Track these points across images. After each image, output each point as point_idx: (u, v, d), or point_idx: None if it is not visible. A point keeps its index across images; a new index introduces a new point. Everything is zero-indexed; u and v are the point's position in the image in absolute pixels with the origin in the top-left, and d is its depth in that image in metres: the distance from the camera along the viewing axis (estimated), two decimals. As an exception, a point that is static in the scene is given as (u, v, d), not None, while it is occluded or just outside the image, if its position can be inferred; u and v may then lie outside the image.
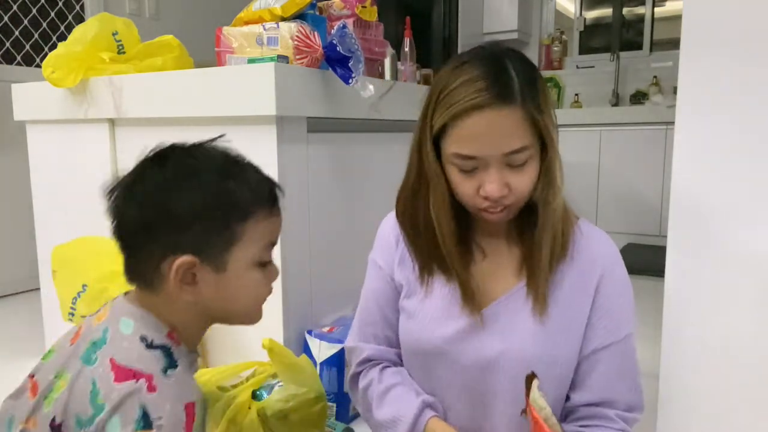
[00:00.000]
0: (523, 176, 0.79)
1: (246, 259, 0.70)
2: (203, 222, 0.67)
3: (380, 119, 1.72)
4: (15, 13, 2.80)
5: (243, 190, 0.69)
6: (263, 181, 0.74)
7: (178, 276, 0.67)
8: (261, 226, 0.71)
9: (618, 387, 0.86)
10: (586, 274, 0.85)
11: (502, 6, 4.13)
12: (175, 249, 0.66)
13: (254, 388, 1.22)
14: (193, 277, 0.68)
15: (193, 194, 0.67)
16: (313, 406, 1.17)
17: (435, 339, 0.88)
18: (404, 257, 0.94)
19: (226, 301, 0.71)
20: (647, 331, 1.28)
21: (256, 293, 0.74)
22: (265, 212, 0.72)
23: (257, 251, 0.71)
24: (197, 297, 0.69)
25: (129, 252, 0.70)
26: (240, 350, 1.45)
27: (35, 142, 1.93)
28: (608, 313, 0.85)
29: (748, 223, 1.01)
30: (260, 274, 0.73)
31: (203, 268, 0.68)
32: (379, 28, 1.83)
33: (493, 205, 0.80)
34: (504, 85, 0.75)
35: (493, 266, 0.89)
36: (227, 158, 0.72)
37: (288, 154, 1.42)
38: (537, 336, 0.83)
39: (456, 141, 0.78)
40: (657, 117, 3.50)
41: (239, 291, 0.71)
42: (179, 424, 0.62)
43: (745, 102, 0.99)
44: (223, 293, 0.70)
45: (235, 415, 1.16)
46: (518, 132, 0.76)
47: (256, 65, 1.39)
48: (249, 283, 0.72)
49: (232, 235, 0.68)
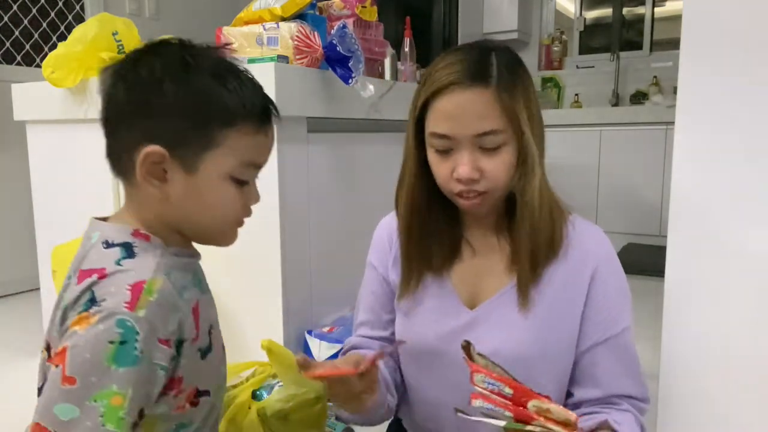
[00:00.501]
0: (496, 161, 0.79)
1: (220, 168, 0.68)
2: (182, 117, 0.66)
3: (380, 119, 1.72)
4: (15, 13, 2.80)
5: (231, 97, 0.67)
6: (257, 95, 0.71)
7: (145, 166, 0.66)
8: (244, 139, 0.68)
9: (622, 381, 0.86)
10: (579, 268, 0.85)
11: (502, 6, 4.14)
12: (149, 138, 0.65)
13: (254, 388, 1.22)
14: (163, 173, 0.67)
15: (179, 87, 0.66)
16: (313, 406, 1.17)
17: (430, 338, 0.88)
18: (398, 257, 0.94)
19: (194, 209, 0.69)
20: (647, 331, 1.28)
21: (229, 209, 0.71)
22: (252, 127, 0.69)
23: (234, 164, 0.68)
24: (164, 194, 0.68)
25: (110, 137, 0.70)
26: (240, 350, 1.46)
27: (35, 142, 1.93)
28: (604, 307, 0.85)
29: (748, 223, 1.01)
30: (234, 190, 0.70)
31: (174, 165, 0.66)
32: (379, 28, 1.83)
33: (466, 190, 0.80)
34: (481, 67, 0.78)
35: (485, 263, 0.89)
36: (225, 63, 0.70)
37: (288, 154, 1.42)
38: (529, 333, 0.83)
39: (432, 120, 0.80)
40: (657, 117, 3.50)
41: (209, 200, 0.69)
42: (120, 304, 0.61)
43: (745, 102, 0.99)
44: (192, 199, 0.68)
45: (235, 415, 1.16)
46: (490, 114, 0.77)
47: (256, 65, 1.39)
48: (220, 195, 0.69)
49: (210, 138, 0.67)
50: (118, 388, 0.60)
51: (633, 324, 0.88)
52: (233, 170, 0.69)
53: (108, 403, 0.60)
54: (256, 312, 1.51)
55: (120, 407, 0.60)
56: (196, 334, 0.69)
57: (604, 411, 0.83)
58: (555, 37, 4.40)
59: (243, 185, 0.71)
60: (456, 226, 0.91)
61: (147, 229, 0.70)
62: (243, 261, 1.51)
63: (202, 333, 0.71)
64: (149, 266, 0.65)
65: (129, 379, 0.60)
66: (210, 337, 0.73)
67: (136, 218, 0.70)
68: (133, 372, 0.61)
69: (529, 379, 0.84)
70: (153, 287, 0.63)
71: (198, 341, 0.70)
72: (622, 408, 0.84)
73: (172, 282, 0.66)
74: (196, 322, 0.69)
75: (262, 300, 1.48)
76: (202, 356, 0.71)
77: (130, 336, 0.61)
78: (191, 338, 0.68)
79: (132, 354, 0.61)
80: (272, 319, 1.46)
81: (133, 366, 0.61)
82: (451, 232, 0.90)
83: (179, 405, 0.70)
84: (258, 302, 1.50)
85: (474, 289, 0.89)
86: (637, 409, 0.86)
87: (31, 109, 1.88)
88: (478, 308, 0.87)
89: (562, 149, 3.70)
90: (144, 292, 0.63)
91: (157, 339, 0.63)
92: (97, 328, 0.60)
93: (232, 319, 1.54)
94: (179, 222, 0.71)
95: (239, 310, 1.54)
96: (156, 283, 0.64)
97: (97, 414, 0.59)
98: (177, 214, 0.70)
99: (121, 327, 0.60)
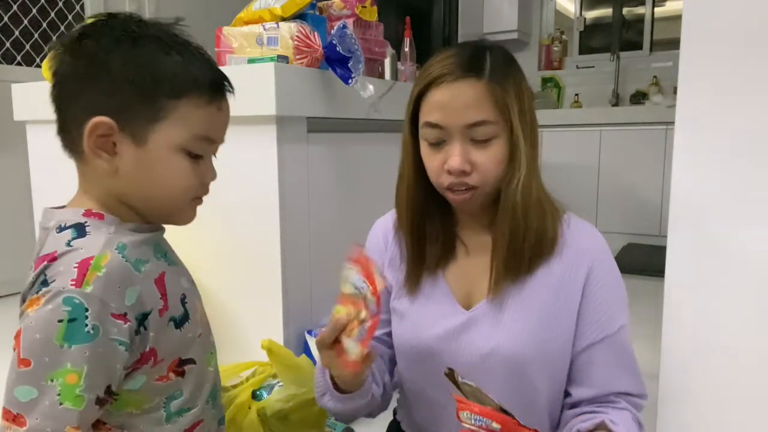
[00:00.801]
0: (487, 154, 0.80)
1: (170, 141, 0.67)
2: (131, 88, 0.65)
3: (380, 119, 1.72)
4: (15, 13, 2.80)
5: (182, 68, 0.67)
6: (209, 68, 0.70)
7: (92, 138, 0.65)
8: (195, 112, 0.68)
9: (619, 379, 0.86)
10: (574, 267, 0.85)
11: (502, 6, 4.14)
12: (98, 111, 0.65)
13: (254, 388, 1.22)
14: (113, 147, 0.66)
15: (127, 57, 0.65)
16: (313, 406, 1.17)
17: (426, 339, 0.88)
18: (393, 258, 0.94)
19: (146, 183, 0.68)
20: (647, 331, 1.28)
21: (182, 183, 0.69)
22: (203, 99, 0.68)
23: (185, 136, 0.67)
24: (114, 168, 0.67)
25: (60, 112, 0.69)
26: (240, 350, 1.46)
27: (35, 142, 1.93)
28: (600, 306, 0.85)
29: (748, 223, 1.01)
30: (187, 163, 0.69)
31: (123, 137, 0.66)
32: (379, 28, 1.83)
33: (457, 183, 0.81)
34: (474, 61, 0.80)
35: (480, 263, 0.89)
36: (174, 36, 0.69)
37: (288, 154, 1.42)
38: (525, 333, 0.83)
39: (425, 111, 0.82)
40: (657, 117, 3.50)
41: (160, 173, 0.68)
42: (66, 282, 0.61)
43: (745, 102, 0.99)
44: (143, 172, 0.67)
45: (235, 415, 1.16)
46: (481, 105, 0.79)
47: (256, 65, 1.39)
48: (172, 168, 0.68)
49: (159, 110, 0.66)
50: (72, 365, 0.60)
51: (631, 322, 0.88)
52: (184, 142, 0.68)
53: (63, 381, 0.60)
54: (256, 312, 1.51)
55: (76, 385, 0.61)
56: (163, 304, 0.69)
57: (601, 410, 0.83)
58: (555, 37, 4.40)
59: (197, 160, 0.70)
60: (451, 226, 0.91)
61: (101, 207, 0.69)
62: (243, 261, 1.51)
63: (172, 303, 0.70)
64: (98, 243, 0.65)
65: (83, 356, 0.61)
66: (184, 306, 0.73)
67: (90, 198, 0.70)
68: (88, 348, 0.61)
69: (525, 380, 0.84)
70: (101, 263, 0.63)
71: (168, 311, 0.70)
72: (619, 406, 0.84)
73: (125, 256, 0.66)
74: (162, 292, 0.69)
75: (262, 300, 1.48)
76: (176, 326, 0.71)
77: (79, 313, 0.61)
78: (158, 309, 0.68)
79: (82, 331, 0.61)
80: (272, 319, 1.46)
81: (87, 343, 0.61)
82: (446, 232, 0.90)
83: (161, 375, 0.70)
84: (258, 302, 1.50)
85: (469, 289, 0.89)
86: (634, 405, 0.86)
87: (31, 109, 1.88)
88: (474, 308, 0.87)
89: (562, 149, 3.70)
90: (91, 268, 0.62)
91: (110, 314, 0.63)
92: (45, 308, 0.61)
93: (233, 319, 1.54)
94: (132, 197, 0.70)
95: (239, 310, 1.54)
96: (104, 259, 0.64)
97: (55, 392, 0.60)
98: (129, 190, 0.69)
99: (69, 305, 0.61)
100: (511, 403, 0.84)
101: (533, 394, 0.85)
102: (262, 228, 1.44)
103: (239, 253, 1.51)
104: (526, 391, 0.85)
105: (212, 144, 0.72)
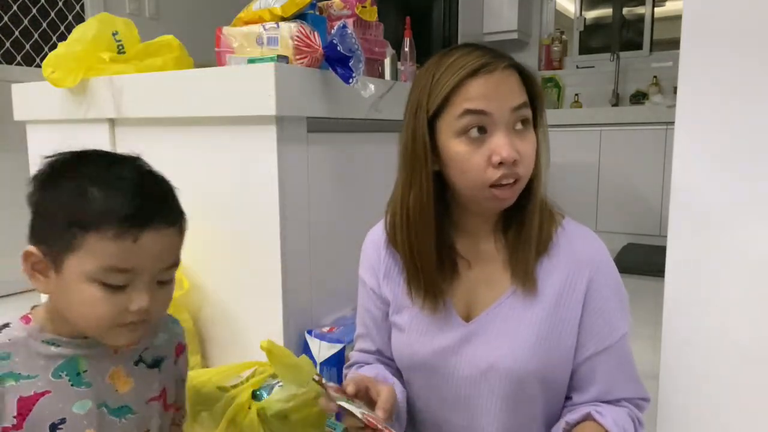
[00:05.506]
0: (527, 143, 0.80)
1: (80, 271, 0.68)
2: (50, 219, 0.71)
3: (380, 119, 1.72)
4: (15, 13, 2.80)
5: (96, 200, 0.68)
6: (131, 200, 0.69)
7: (27, 263, 0.72)
8: (103, 244, 0.67)
9: (621, 385, 0.85)
10: (574, 279, 0.84)
11: (502, 6, 4.14)
12: (32, 237, 0.73)
13: (254, 388, 1.22)
14: (46, 270, 0.72)
15: (54, 191, 0.71)
16: (313, 406, 1.17)
17: (426, 353, 0.87)
18: (390, 271, 0.92)
19: (65, 307, 0.72)
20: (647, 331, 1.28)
21: (96, 311, 0.69)
22: (113, 232, 0.67)
23: (93, 268, 0.68)
24: (43, 289, 0.73)
25: None
26: (240, 350, 1.45)
27: (35, 142, 1.93)
28: (602, 316, 0.84)
29: (748, 223, 1.00)
30: (100, 293, 0.69)
31: (46, 263, 0.71)
32: (379, 28, 1.83)
33: (507, 174, 0.78)
34: (501, 54, 0.81)
35: (482, 274, 0.87)
36: (113, 168, 0.72)
37: (288, 154, 1.42)
38: (526, 345, 0.82)
39: (461, 101, 0.78)
40: (657, 117, 3.50)
41: (73, 300, 0.70)
42: None
43: (745, 102, 0.99)
44: (62, 297, 0.72)
45: (235, 415, 1.16)
46: (520, 89, 0.80)
47: (256, 65, 1.39)
48: (83, 298, 0.69)
49: (70, 241, 0.69)
50: None
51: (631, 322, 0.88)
52: (94, 273, 0.68)
53: None
54: (256, 312, 1.51)
55: None
56: (15, 423, 0.70)
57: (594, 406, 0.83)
58: (555, 37, 4.40)
59: (118, 289, 0.70)
60: (448, 241, 0.88)
61: (46, 313, 0.75)
62: (243, 261, 1.51)
63: (30, 425, 0.71)
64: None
65: None
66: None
67: (46, 304, 0.76)
68: None
69: (524, 392, 0.83)
70: None
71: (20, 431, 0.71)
72: (617, 405, 0.84)
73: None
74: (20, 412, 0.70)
75: (262, 300, 1.48)
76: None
77: None
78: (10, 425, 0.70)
79: None
80: (272, 319, 1.46)
81: None
82: (445, 247, 0.87)
83: None
84: (258, 302, 1.50)
85: (470, 301, 0.87)
86: (635, 405, 0.86)
87: (31, 109, 1.87)
88: (474, 321, 0.85)
89: (562, 149, 3.70)
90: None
91: None
92: None
93: (232, 319, 1.54)
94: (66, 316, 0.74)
95: (239, 310, 1.54)
96: None
97: None
98: (60, 308, 0.74)
99: None
100: (510, 415, 0.84)
101: (532, 406, 0.85)
102: (261, 228, 1.44)
103: (239, 253, 1.51)
104: (525, 403, 0.84)
105: (132, 274, 0.70)
